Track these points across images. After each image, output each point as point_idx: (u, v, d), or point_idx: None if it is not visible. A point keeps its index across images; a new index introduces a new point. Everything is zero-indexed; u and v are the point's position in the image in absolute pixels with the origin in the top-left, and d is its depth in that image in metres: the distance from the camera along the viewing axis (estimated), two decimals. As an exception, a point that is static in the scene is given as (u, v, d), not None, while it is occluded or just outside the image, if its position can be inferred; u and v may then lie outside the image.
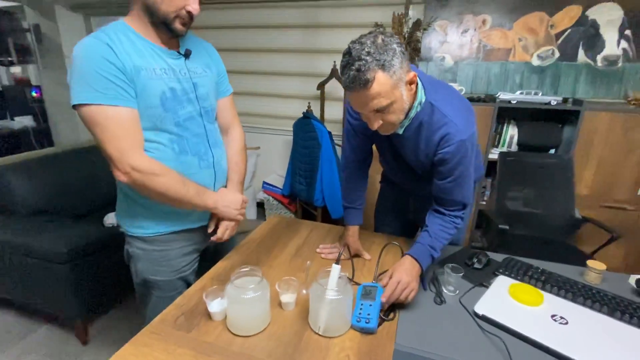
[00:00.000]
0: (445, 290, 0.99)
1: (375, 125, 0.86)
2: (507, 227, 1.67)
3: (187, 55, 0.97)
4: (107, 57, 0.81)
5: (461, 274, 0.97)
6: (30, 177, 1.85)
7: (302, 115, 2.54)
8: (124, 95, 0.84)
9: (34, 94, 3.63)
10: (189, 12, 0.86)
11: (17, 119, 3.60)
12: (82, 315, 1.69)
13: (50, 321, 1.86)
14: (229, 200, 1.07)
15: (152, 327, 0.83)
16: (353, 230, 1.19)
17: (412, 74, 0.84)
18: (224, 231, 1.10)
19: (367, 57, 0.75)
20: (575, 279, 1.03)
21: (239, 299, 0.79)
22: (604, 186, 2.03)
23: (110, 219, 1.99)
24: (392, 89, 0.80)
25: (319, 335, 0.81)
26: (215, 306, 0.85)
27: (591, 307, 0.90)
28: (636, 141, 1.93)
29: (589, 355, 0.73)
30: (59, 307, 1.70)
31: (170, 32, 0.88)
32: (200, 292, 0.95)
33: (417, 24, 2.17)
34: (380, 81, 0.77)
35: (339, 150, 2.61)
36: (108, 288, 1.80)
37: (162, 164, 0.92)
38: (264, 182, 3.05)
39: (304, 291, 0.96)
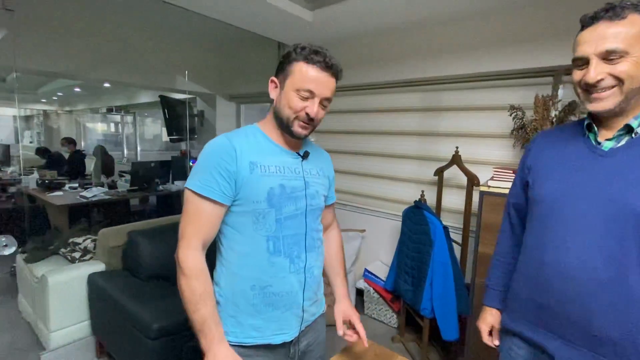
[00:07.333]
0: None
1: (597, 75, 0.73)
2: None
3: (305, 156, 1.00)
4: (225, 158, 0.87)
5: None
6: (152, 242, 2.05)
7: (413, 203, 2.25)
8: (217, 190, 0.86)
9: (191, 164, 4.45)
10: (307, 114, 0.90)
11: (176, 182, 4.43)
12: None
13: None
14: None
15: None
16: (490, 312, 1.06)
17: None
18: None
19: (628, 2, 0.73)
20: None
21: None
22: None
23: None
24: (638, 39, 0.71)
25: None
26: None
27: None
28: None
29: None
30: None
31: (291, 134, 0.94)
32: None
33: (572, 107, 1.72)
34: (635, 21, 0.72)
35: (457, 249, 2.15)
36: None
37: (202, 273, 0.86)
38: (366, 270, 2.76)
39: None
